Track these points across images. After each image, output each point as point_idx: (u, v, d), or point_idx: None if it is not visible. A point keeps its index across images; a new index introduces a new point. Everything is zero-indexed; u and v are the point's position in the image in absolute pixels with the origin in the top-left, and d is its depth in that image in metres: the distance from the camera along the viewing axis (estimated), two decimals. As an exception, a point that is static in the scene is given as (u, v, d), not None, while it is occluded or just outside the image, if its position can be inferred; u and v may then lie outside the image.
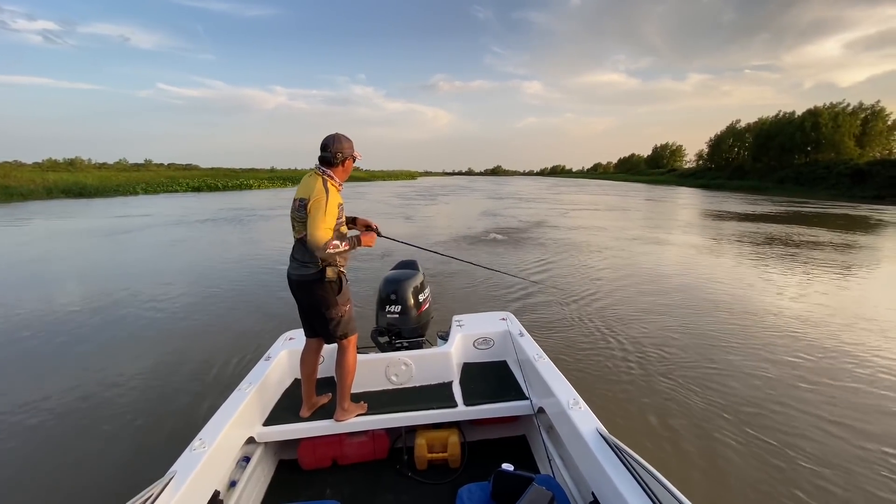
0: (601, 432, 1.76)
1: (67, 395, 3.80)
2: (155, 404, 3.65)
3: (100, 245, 11.52)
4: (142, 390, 3.89)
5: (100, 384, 3.99)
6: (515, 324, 3.09)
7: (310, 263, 2.17)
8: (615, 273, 8.20)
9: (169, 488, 1.53)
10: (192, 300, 6.53)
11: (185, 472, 1.63)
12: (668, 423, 3.34)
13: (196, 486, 1.65)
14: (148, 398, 3.76)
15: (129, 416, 3.48)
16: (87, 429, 3.34)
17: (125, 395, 3.81)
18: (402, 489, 2.26)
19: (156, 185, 35.93)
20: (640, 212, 21.59)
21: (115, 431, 3.29)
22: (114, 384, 3.99)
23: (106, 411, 3.56)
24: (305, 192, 2.13)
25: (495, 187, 53.53)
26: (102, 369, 4.28)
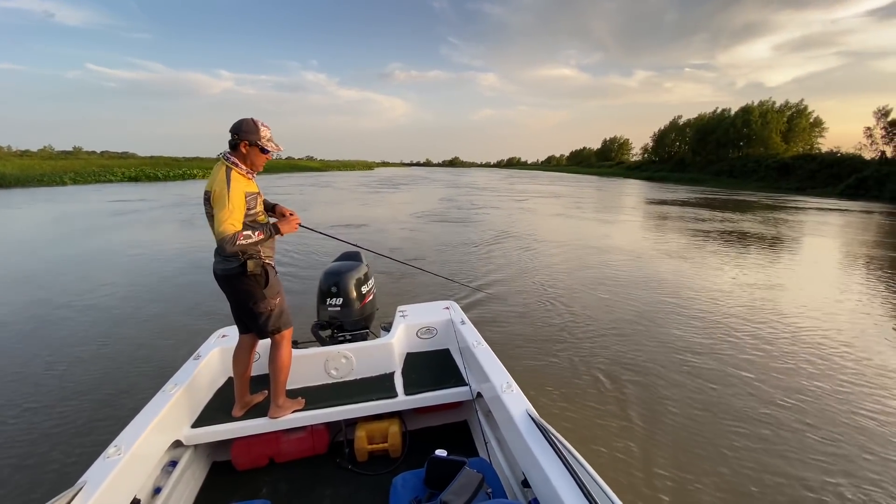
0: (531, 414, 1.81)
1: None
2: (71, 411, 3.39)
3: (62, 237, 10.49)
4: (55, 396, 3.60)
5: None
6: (458, 312, 3.12)
7: (231, 257, 2.05)
8: (557, 259, 8.51)
9: (78, 498, 1.42)
10: (116, 300, 6.09)
11: (96, 482, 1.52)
12: (594, 402, 3.51)
13: (110, 495, 1.54)
14: (62, 403, 3.48)
15: (34, 422, 3.21)
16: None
17: (33, 397, 3.51)
18: (340, 482, 2.24)
19: (86, 175, 33.15)
20: (584, 200, 22.51)
21: (14, 440, 3.03)
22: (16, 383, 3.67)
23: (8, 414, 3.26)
24: (210, 184, 1.98)
25: (453, 178, 54.93)
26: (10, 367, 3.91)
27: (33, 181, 28.75)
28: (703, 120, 59.75)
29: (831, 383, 3.88)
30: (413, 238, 10.96)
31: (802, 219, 16.75)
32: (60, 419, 3.28)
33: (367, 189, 30.05)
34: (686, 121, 65.47)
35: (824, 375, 4.02)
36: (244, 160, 2.06)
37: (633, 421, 3.28)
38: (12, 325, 5.15)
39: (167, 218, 14.41)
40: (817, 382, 3.89)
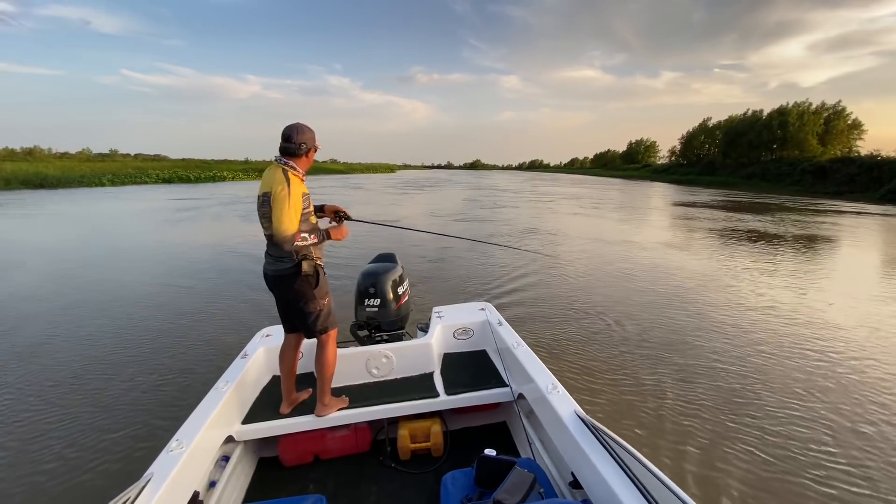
0: (579, 414, 1.81)
1: (41, 388, 3.66)
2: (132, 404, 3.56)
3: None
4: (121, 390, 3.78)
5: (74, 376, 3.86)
6: (494, 313, 3.14)
7: (285, 258, 2.12)
8: (592, 261, 8.40)
9: (146, 491, 1.50)
10: (164, 303, 6.35)
11: (162, 474, 1.59)
12: (646, 405, 3.45)
13: (174, 487, 1.61)
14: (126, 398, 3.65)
15: (105, 414, 3.38)
16: (58, 429, 3.22)
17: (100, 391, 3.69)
18: (385, 480, 2.28)
19: (123, 177, 34.63)
20: (607, 202, 22.18)
21: (89, 429, 3.20)
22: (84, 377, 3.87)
23: (82, 403, 3.45)
24: (268, 185, 2.05)
25: (475, 180, 55.88)
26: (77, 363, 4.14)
27: (74, 182, 30.17)
28: (733, 122, 57.92)
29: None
30: (441, 240, 10.96)
31: (852, 223, 16.02)
32: (134, 393, 3.46)
33: (395, 191, 31.69)
34: (716, 122, 63.65)
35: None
36: (303, 164, 2.15)
37: (688, 429, 3.22)
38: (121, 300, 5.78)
39: (227, 214, 16.28)
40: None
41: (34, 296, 6.30)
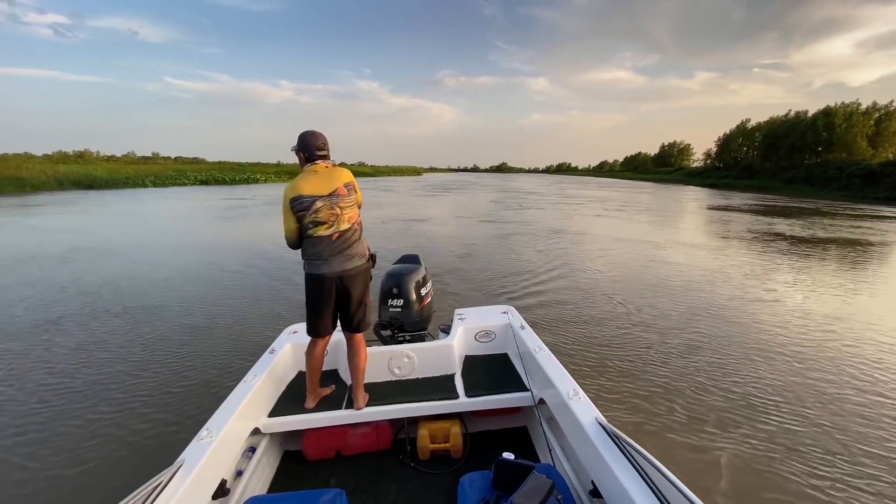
0: (600, 422, 1.78)
1: (90, 376, 3.88)
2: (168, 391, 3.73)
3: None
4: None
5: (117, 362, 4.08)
6: (517, 317, 3.12)
7: (357, 255, 2.27)
8: (614, 265, 8.21)
9: (178, 476, 1.57)
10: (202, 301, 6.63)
11: (193, 461, 1.66)
12: (668, 415, 3.35)
13: (204, 474, 1.68)
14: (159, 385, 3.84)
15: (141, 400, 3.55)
16: (97, 410, 3.41)
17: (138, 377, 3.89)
18: (405, 479, 2.30)
19: (164, 178, 36.25)
20: (637, 206, 21.63)
21: (127, 411, 3.37)
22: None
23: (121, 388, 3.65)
24: (340, 177, 2.22)
25: (502, 183, 56.17)
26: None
27: (120, 183, 31.82)
28: (774, 123, 55.38)
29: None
30: (470, 234, 12.60)
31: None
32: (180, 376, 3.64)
33: (424, 193, 32.62)
34: (755, 124, 61.05)
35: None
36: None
37: (717, 444, 3.11)
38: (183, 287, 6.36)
39: (272, 213, 17.51)
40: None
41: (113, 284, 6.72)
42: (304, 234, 2.21)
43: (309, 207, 2.14)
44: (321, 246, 2.19)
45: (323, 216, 2.16)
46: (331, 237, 2.18)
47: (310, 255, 2.22)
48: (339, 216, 2.18)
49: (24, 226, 13.56)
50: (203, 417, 1.98)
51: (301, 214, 2.16)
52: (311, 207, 2.15)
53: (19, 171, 29.06)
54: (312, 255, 2.21)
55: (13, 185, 25.47)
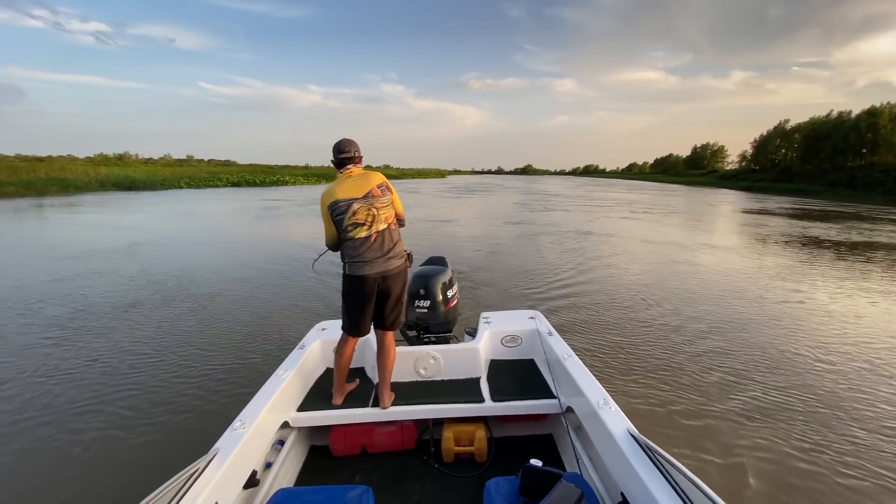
0: (632, 432, 1.74)
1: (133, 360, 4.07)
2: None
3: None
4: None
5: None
6: (544, 323, 3.08)
7: (396, 256, 2.32)
8: (642, 268, 8.01)
9: (213, 464, 1.62)
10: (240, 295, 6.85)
11: (227, 451, 1.71)
12: (701, 427, 3.24)
13: (237, 463, 1.73)
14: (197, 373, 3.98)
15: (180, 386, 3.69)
16: (139, 397, 3.54)
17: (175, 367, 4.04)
18: (429, 480, 2.30)
19: (198, 180, 37.54)
20: (663, 208, 21.03)
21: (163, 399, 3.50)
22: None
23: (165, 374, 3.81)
24: (373, 179, 2.28)
25: (526, 185, 56.01)
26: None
27: (157, 185, 33.14)
28: (815, 124, 52.90)
29: None
30: (495, 235, 12.78)
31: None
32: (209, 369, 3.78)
33: (449, 195, 33.12)
34: (794, 125, 58.47)
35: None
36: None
37: (761, 464, 2.99)
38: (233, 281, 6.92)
39: (307, 213, 18.35)
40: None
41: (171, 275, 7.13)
42: (344, 237, 2.25)
43: (346, 210, 2.20)
44: (363, 248, 2.24)
45: (360, 218, 2.22)
46: (370, 238, 2.23)
47: (352, 257, 2.26)
48: (377, 217, 2.24)
49: (81, 223, 14.57)
50: (232, 407, 2.03)
51: (339, 218, 2.22)
52: (349, 210, 2.20)
53: (64, 172, 30.67)
54: (354, 256, 2.25)
55: (58, 185, 26.90)
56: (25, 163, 38.87)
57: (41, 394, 3.69)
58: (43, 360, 4.29)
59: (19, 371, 4.08)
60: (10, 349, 4.55)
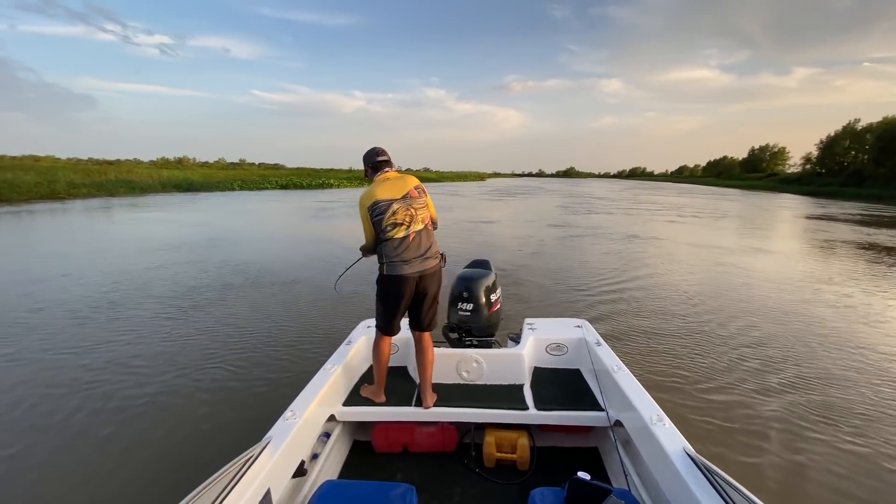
0: (689, 452, 1.64)
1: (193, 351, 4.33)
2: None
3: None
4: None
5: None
6: (592, 332, 2.99)
7: (435, 254, 2.38)
8: (694, 275, 7.59)
9: (266, 451, 1.69)
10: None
11: (279, 439, 1.78)
12: (765, 452, 3.02)
13: (288, 452, 1.79)
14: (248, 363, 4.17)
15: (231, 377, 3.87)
16: (201, 387, 3.74)
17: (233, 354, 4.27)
18: (470, 483, 2.28)
19: (250, 183, 39.38)
20: (722, 214, 19.86)
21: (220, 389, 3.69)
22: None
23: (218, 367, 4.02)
24: (410, 181, 2.34)
25: (568, 188, 55.07)
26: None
27: (212, 187, 35.09)
28: (889, 123, 48.41)
29: None
30: (537, 237, 12.81)
31: None
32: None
33: (490, 197, 33.30)
34: (866, 125, 53.78)
35: None
36: None
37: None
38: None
39: (356, 213, 20.06)
40: None
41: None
42: (383, 237, 2.29)
43: (386, 211, 2.25)
44: (401, 248, 2.27)
45: (399, 218, 2.26)
46: (408, 238, 2.27)
47: (390, 257, 2.29)
48: (415, 217, 2.30)
49: (158, 221, 16.11)
50: (280, 397, 2.10)
51: (379, 219, 2.26)
52: (389, 210, 2.25)
53: (130, 175, 33.08)
54: (393, 256, 2.28)
55: (125, 187, 29.03)
56: (97, 166, 42.43)
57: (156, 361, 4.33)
58: (155, 330, 5.18)
59: (138, 336, 4.96)
60: (133, 323, 5.43)
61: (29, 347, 4.61)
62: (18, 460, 2.85)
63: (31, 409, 3.46)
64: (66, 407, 3.47)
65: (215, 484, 1.37)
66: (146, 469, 2.78)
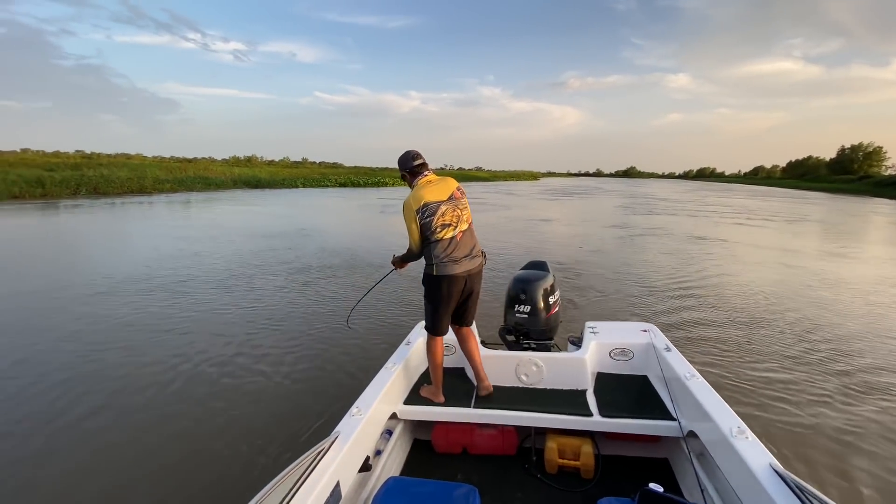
0: (777, 469, 1.51)
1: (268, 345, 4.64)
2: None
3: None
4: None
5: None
6: (660, 337, 2.84)
7: (479, 252, 2.44)
8: (770, 282, 6.97)
9: (335, 445, 1.75)
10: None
11: (346, 434, 1.84)
12: (859, 476, 2.72)
13: (355, 447, 1.85)
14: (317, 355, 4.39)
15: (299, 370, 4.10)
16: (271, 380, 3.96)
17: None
18: (531, 489, 2.24)
19: (311, 181, 41.39)
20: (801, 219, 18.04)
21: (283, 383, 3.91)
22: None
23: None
24: (452, 183, 2.40)
25: (629, 188, 52.93)
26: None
27: (278, 184, 37.21)
28: None
29: None
30: (596, 238, 12.59)
31: None
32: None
33: (545, 197, 32.79)
34: None
35: None
36: None
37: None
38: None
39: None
40: None
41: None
42: (432, 238, 2.31)
43: (436, 212, 2.29)
44: (451, 247, 2.31)
45: (448, 219, 2.31)
46: (456, 238, 2.33)
47: (440, 258, 2.31)
48: (461, 217, 2.35)
49: (248, 212, 18.07)
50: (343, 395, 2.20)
51: (428, 220, 2.29)
52: (438, 212, 2.29)
53: (206, 172, 35.87)
54: (443, 257, 2.31)
55: (202, 183, 31.53)
56: (178, 163, 46.49)
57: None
58: (280, 299, 6.29)
59: (269, 304, 6.02)
60: (264, 293, 6.58)
61: (186, 309, 5.75)
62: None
63: (201, 353, 4.40)
64: (223, 353, 4.43)
65: (291, 474, 1.45)
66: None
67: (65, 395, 3.57)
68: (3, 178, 21.05)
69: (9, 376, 3.88)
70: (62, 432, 3.09)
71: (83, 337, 4.77)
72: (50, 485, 2.60)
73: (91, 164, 32.88)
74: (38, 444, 2.95)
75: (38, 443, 2.97)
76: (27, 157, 41.55)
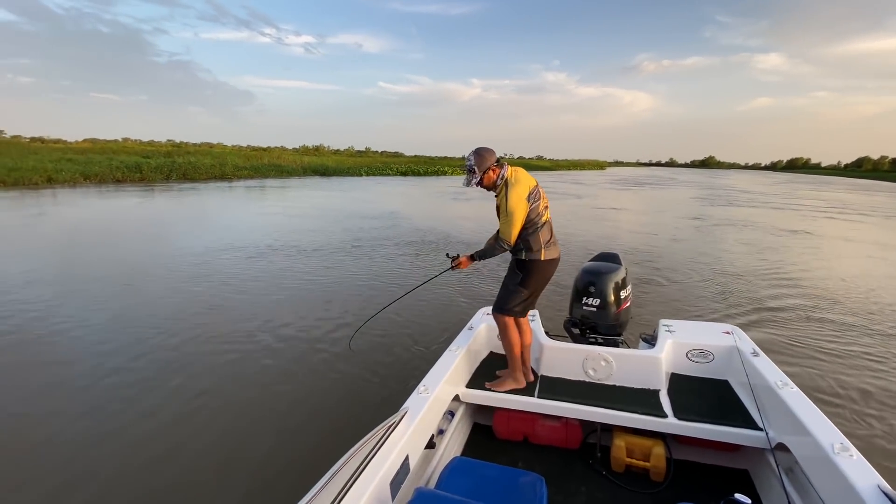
0: (887, 492, 1.35)
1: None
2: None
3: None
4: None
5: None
6: (746, 340, 2.62)
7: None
8: (867, 284, 6.15)
9: (404, 421, 1.82)
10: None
11: (414, 411, 1.90)
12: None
13: (422, 423, 1.91)
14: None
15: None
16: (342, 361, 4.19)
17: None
18: (595, 486, 2.18)
19: (374, 169, 42.56)
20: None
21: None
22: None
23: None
24: (530, 180, 2.39)
25: (706, 179, 49.18)
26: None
27: (343, 172, 38.68)
28: None
29: None
30: (670, 231, 12.11)
31: None
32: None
33: (616, 187, 31.89)
34: None
35: None
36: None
37: None
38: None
39: (483, 197, 21.81)
40: None
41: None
42: (539, 221, 2.34)
43: (539, 196, 2.36)
44: (548, 232, 2.37)
45: (543, 204, 2.37)
46: (549, 222, 2.39)
47: (545, 241, 2.36)
48: (547, 205, 2.43)
49: (334, 197, 19.41)
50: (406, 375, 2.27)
51: (536, 205, 2.32)
52: (539, 195, 2.36)
53: (279, 160, 38.13)
54: (545, 242, 2.35)
55: (276, 170, 33.54)
56: (254, 152, 49.87)
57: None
58: (390, 269, 7.13)
59: (377, 273, 6.98)
60: (373, 262, 7.58)
61: (299, 276, 6.71)
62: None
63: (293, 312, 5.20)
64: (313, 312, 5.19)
65: (366, 444, 1.52)
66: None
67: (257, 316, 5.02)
68: (108, 164, 24.04)
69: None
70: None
71: (260, 278, 6.57)
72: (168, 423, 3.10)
73: (180, 151, 36.26)
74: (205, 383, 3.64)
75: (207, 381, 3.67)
76: (127, 145, 46.87)
